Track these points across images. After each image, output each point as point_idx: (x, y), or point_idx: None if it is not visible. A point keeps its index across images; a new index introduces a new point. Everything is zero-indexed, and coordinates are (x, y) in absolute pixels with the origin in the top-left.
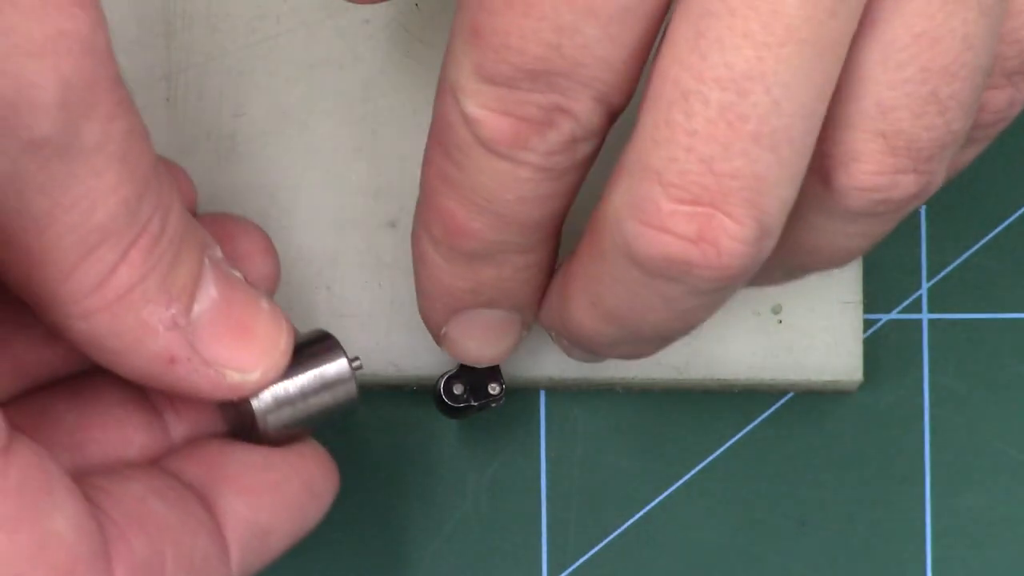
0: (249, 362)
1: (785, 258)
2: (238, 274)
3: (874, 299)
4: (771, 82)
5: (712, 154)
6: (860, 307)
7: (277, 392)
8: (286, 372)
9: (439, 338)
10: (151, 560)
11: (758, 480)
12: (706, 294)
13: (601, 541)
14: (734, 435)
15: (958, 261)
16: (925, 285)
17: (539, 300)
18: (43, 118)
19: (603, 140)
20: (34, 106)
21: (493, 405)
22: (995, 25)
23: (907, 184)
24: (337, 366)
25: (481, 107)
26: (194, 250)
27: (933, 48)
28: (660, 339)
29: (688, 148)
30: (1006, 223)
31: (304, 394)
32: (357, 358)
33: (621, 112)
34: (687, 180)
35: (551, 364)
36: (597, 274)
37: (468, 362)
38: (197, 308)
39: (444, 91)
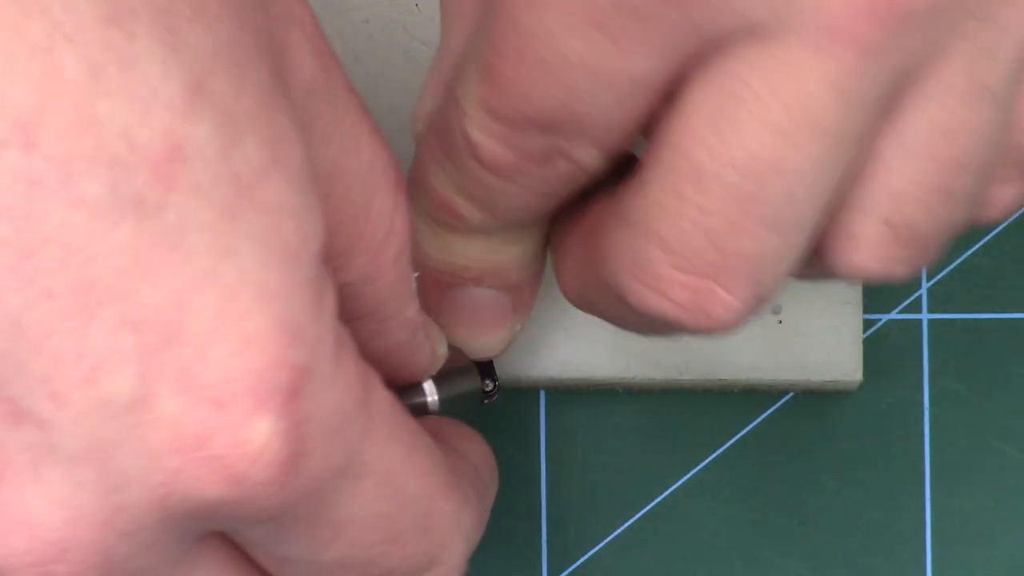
0: (440, 333)
1: None
2: None
3: (874, 299)
4: (788, 171)
5: (719, 232)
6: (860, 307)
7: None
8: None
9: None
10: (474, 474)
11: (758, 480)
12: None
13: (601, 541)
14: (734, 435)
15: (958, 261)
16: (925, 285)
17: (530, 282)
18: (305, 57)
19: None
20: (297, 48)
21: (486, 401)
22: (1004, 119)
23: (897, 270)
24: (463, 357)
25: (483, 133)
26: None
27: (950, 141)
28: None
29: (695, 222)
30: (1006, 223)
31: (447, 380)
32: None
33: (624, 150)
34: (690, 251)
35: (551, 364)
36: (587, 286)
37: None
38: None
39: (449, 95)
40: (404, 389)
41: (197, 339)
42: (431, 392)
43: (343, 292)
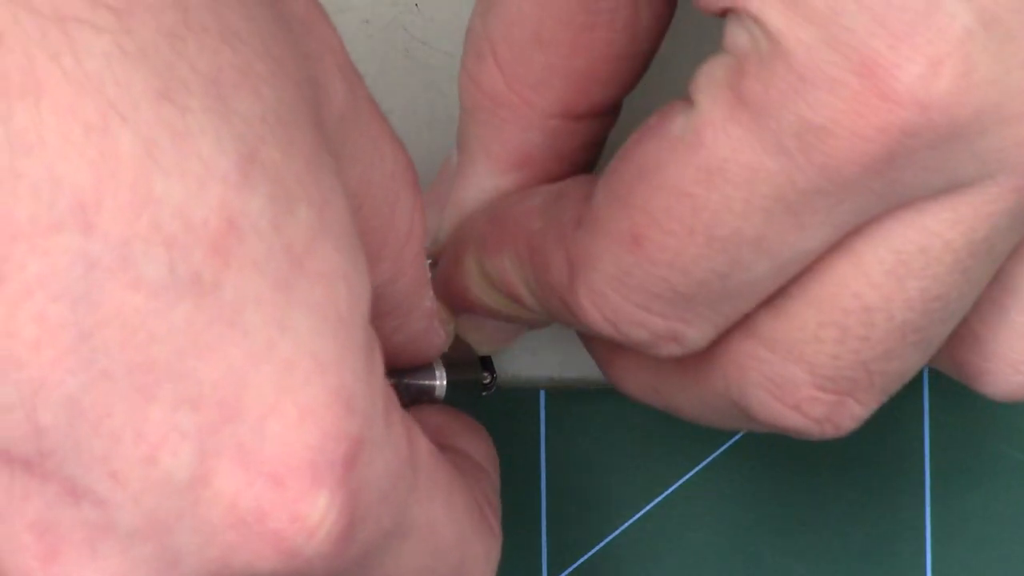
0: (448, 314)
1: None
2: None
3: None
4: (954, 297)
5: (874, 357)
6: None
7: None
8: None
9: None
10: (489, 486)
11: (758, 480)
12: None
13: (601, 541)
14: (734, 435)
15: None
16: None
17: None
18: (338, 86)
19: None
20: (330, 79)
21: (484, 393)
22: None
23: None
24: (466, 346)
25: (597, 309)
26: None
27: None
28: None
29: (854, 350)
30: None
31: (453, 368)
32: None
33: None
34: (840, 375)
35: (551, 364)
36: (672, 388)
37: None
38: None
39: (560, 245)
40: (415, 370)
41: (255, 414)
42: (441, 377)
43: None
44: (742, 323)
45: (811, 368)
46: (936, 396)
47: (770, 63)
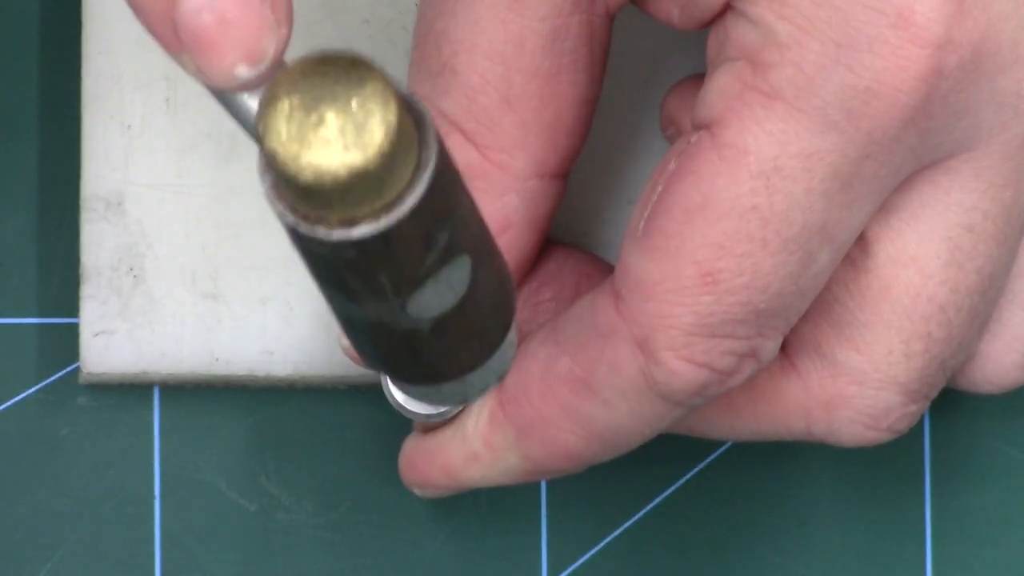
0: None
1: None
2: None
3: None
4: (1000, 272)
5: (951, 354)
6: None
7: None
8: None
9: None
10: None
11: (758, 480)
12: None
13: (601, 541)
14: None
15: None
16: None
17: None
18: None
19: None
20: None
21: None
22: None
23: None
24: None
25: (686, 360)
26: None
27: None
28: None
29: (937, 355)
30: None
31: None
32: None
33: None
34: (925, 384)
35: None
36: (721, 430)
37: None
38: None
39: (613, 340)
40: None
41: None
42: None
43: None
44: (823, 367)
45: (904, 388)
46: (936, 396)
47: (798, 42)
